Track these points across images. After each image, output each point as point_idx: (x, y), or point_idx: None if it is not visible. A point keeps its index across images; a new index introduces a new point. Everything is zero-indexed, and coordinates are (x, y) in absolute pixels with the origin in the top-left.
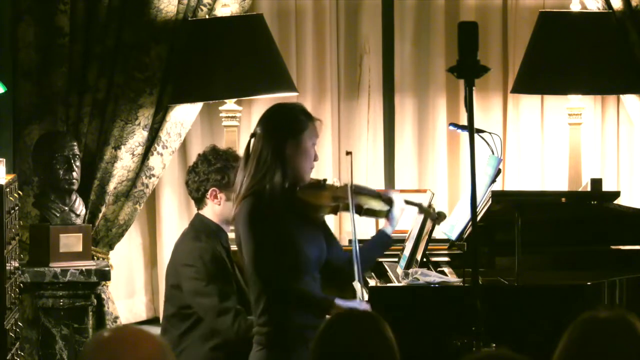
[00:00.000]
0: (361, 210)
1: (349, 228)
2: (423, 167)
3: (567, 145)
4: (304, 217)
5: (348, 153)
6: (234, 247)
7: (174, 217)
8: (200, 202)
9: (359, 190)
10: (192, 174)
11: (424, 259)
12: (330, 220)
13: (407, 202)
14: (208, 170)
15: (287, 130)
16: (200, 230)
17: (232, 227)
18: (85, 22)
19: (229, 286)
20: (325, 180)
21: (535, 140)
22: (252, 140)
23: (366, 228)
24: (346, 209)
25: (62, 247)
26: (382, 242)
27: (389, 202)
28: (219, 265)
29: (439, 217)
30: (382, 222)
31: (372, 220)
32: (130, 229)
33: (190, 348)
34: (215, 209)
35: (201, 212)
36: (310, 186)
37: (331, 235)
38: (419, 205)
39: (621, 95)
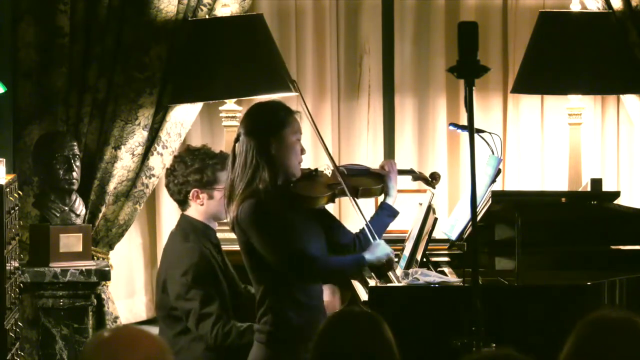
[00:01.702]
0: (358, 192)
1: (348, 213)
2: (423, 167)
3: (567, 145)
4: (303, 212)
5: (292, 82)
6: (226, 247)
7: (174, 217)
8: (183, 204)
9: (351, 172)
10: (171, 177)
11: (424, 259)
12: (329, 208)
13: (400, 172)
14: (186, 172)
15: (268, 130)
16: (188, 230)
17: (218, 227)
18: (85, 22)
19: (213, 289)
20: (316, 169)
21: (535, 140)
22: (237, 143)
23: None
24: (343, 193)
25: (62, 247)
26: (388, 213)
27: (382, 176)
28: (206, 266)
29: (434, 179)
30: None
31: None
32: (130, 229)
33: (185, 348)
34: (199, 208)
35: (186, 213)
36: (303, 179)
37: (332, 218)
38: (411, 172)
39: (621, 95)
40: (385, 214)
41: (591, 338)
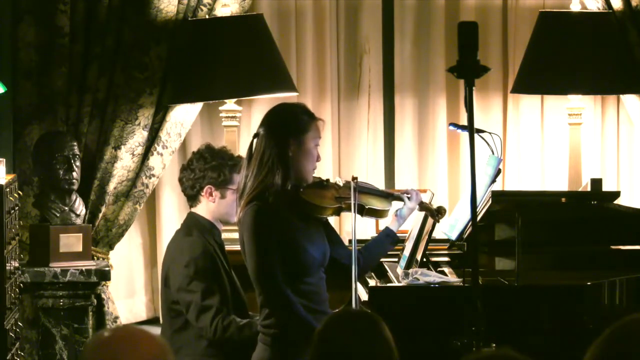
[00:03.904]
0: (363, 211)
1: (349, 228)
2: (423, 167)
3: (567, 145)
4: (308, 218)
5: (354, 179)
6: (229, 247)
7: (174, 217)
8: (194, 199)
9: (362, 190)
10: (187, 171)
11: (424, 259)
12: (330, 219)
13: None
14: (204, 168)
15: (289, 131)
16: (192, 226)
17: (223, 227)
18: (85, 22)
19: (215, 283)
20: (327, 180)
21: (535, 140)
22: (255, 140)
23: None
24: (349, 209)
25: (62, 247)
26: (391, 241)
27: (391, 199)
28: (209, 260)
29: (439, 213)
30: (388, 220)
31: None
32: (130, 229)
33: (186, 346)
34: (210, 206)
35: (194, 209)
36: (313, 186)
37: (334, 233)
38: (420, 203)
39: (621, 95)
40: (389, 240)
41: (622, 341)
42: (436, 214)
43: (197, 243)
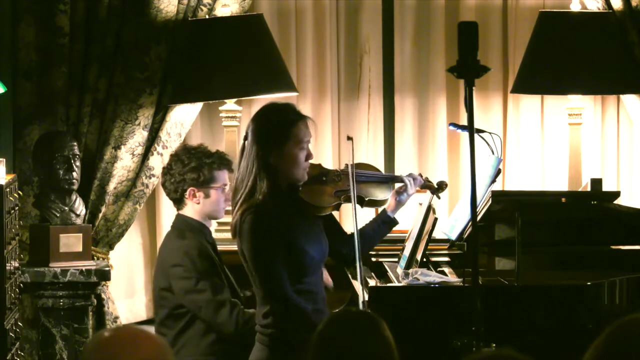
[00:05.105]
0: (363, 202)
1: (349, 221)
2: (423, 167)
3: (567, 145)
4: (307, 216)
5: (349, 138)
6: (220, 247)
7: (174, 217)
8: (179, 202)
9: (362, 179)
10: (168, 176)
11: (424, 259)
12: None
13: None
14: (183, 171)
15: (270, 139)
16: (184, 229)
17: (215, 226)
18: (85, 22)
19: (219, 279)
20: (326, 174)
21: (535, 140)
22: (245, 142)
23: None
24: (349, 200)
25: (62, 247)
26: (389, 226)
27: (391, 183)
28: (206, 259)
29: (440, 188)
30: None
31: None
32: (130, 229)
33: (188, 346)
34: (196, 207)
35: (182, 212)
36: (311, 182)
37: (334, 221)
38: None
39: (621, 95)
40: (387, 227)
41: (622, 341)
42: (437, 188)
43: (192, 245)
